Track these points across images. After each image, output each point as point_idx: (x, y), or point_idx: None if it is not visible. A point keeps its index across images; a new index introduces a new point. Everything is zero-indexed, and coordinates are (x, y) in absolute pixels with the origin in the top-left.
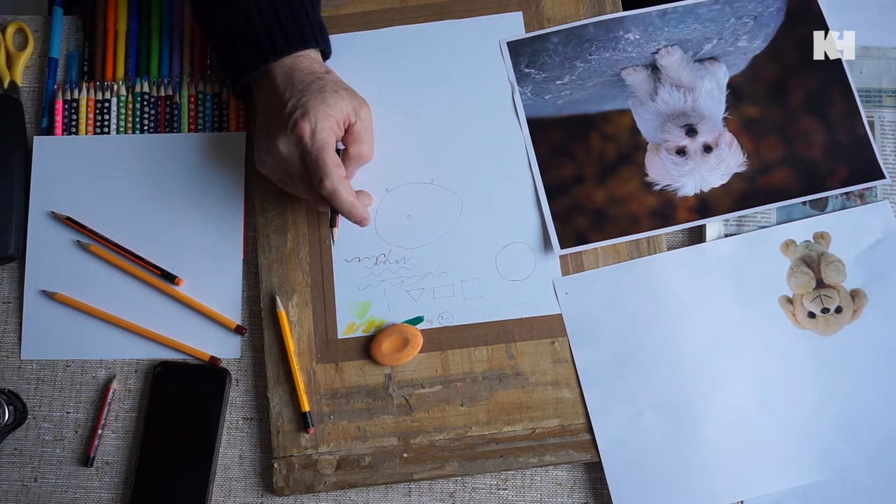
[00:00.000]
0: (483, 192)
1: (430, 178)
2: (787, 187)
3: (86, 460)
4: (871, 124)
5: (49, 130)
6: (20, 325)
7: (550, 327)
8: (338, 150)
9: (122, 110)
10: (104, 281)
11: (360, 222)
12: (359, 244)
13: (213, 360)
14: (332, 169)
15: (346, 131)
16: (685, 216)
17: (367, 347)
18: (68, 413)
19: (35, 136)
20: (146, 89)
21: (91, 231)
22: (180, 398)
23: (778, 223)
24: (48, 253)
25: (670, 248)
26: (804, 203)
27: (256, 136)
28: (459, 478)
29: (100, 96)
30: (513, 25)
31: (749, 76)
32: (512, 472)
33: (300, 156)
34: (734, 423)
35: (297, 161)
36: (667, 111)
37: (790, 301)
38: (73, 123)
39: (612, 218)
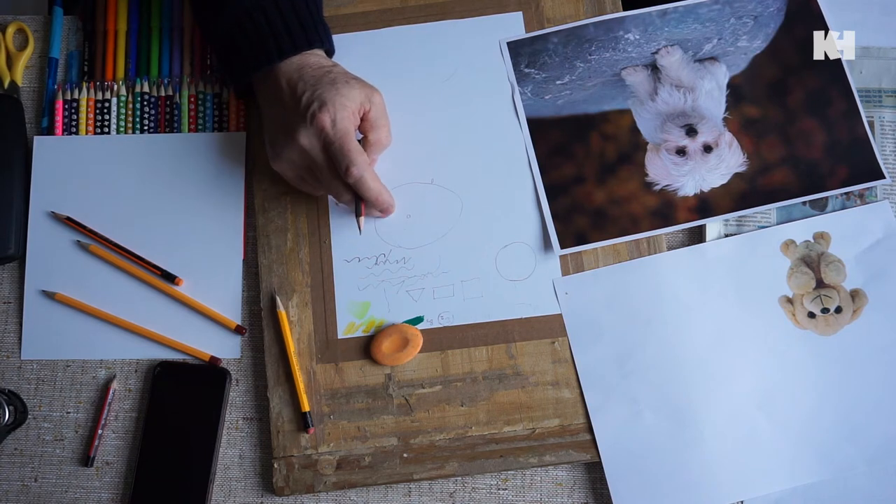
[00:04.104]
0: (483, 192)
1: (430, 178)
2: (787, 187)
3: (86, 460)
4: (871, 124)
5: (49, 130)
6: (20, 325)
7: (550, 327)
8: (358, 141)
9: (122, 110)
10: (104, 281)
11: (386, 210)
12: (359, 244)
13: (213, 360)
14: (357, 156)
15: (363, 119)
16: (685, 216)
17: (367, 347)
18: (68, 413)
19: (35, 136)
20: (146, 89)
21: (91, 231)
22: (180, 398)
23: (778, 223)
24: (48, 253)
25: (670, 248)
26: (804, 203)
27: (269, 134)
28: (459, 478)
29: (100, 96)
30: (513, 25)
31: (749, 76)
32: (512, 472)
33: (322, 147)
34: (734, 423)
35: (319, 153)
36: (667, 111)
37: (790, 301)
38: (73, 123)
39: (612, 218)
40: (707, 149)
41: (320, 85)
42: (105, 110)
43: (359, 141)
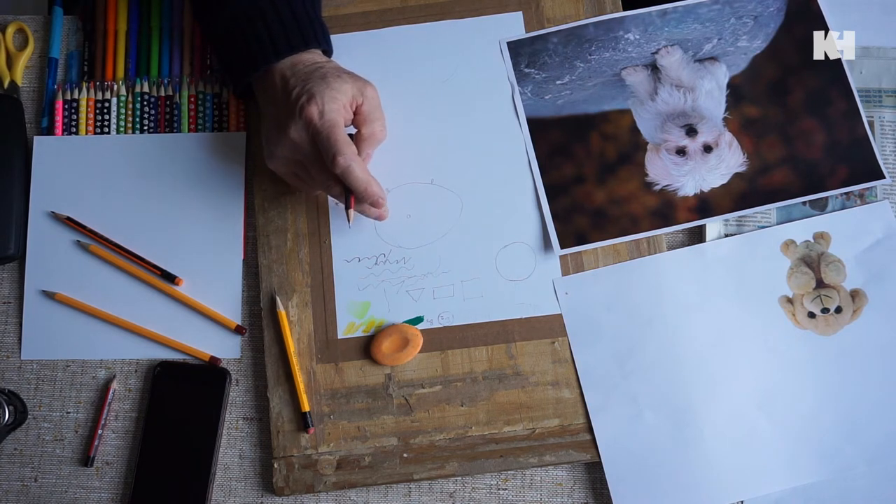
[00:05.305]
0: (483, 192)
1: (430, 178)
2: (787, 187)
3: (86, 460)
4: (871, 124)
5: (49, 130)
6: (20, 325)
7: (550, 327)
8: (351, 136)
9: (122, 110)
10: (104, 281)
11: (375, 203)
12: (359, 244)
13: (213, 360)
14: (344, 146)
15: (356, 113)
16: (685, 216)
17: (367, 347)
18: (68, 413)
19: (35, 136)
20: (146, 89)
21: (91, 231)
22: (180, 398)
23: (778, 223)
24: (48, 253)
25: (670, 248)
26: (804, 203)
27: (264, 131)
28: (459, 478)
29: (100, 96)
30: (513, 25)
31: (749, 76)
32: (512, 472)
33: (311, 139)
34: (734, 423)
35: (308, 145)
36: (667, 111)
37: (790, 301)
38: (73, 123)
39: (612, 218)
40: (707, 149)
41: (311, 80)
42: (105, 110)
43: (352, 136)
